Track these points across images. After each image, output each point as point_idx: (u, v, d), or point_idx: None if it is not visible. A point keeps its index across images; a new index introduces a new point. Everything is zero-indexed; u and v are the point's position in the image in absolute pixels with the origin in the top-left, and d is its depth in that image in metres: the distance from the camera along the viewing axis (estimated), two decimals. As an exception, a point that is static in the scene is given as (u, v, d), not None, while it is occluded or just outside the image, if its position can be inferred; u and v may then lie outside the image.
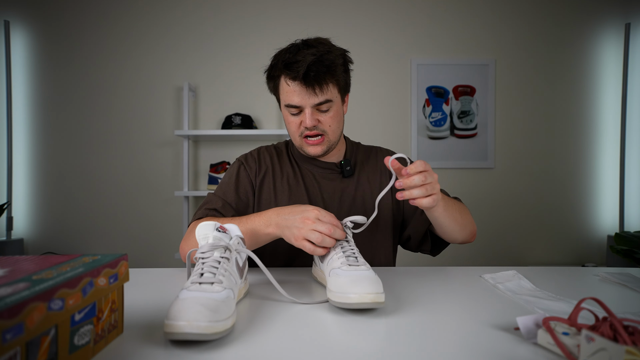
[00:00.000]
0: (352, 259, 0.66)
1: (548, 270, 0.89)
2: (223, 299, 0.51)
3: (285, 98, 0.91)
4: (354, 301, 0.57)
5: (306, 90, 0.87)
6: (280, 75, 0.91)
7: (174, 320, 0.46)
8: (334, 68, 0.89)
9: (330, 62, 0.87)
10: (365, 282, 0.59)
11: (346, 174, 1.01)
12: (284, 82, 0.90)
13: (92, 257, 0.49)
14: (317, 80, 0.87)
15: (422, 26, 2.48)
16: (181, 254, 0.89)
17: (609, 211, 2.46)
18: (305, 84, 0.87)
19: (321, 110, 0.91)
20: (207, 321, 0.46)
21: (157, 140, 2.43)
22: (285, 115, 0.95)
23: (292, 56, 0.88)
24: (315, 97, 0.88)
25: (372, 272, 0.63)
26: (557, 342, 0.43)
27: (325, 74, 0.87)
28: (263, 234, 0.79)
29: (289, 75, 0.88)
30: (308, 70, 0.85)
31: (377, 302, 0.57)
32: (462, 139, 2.47)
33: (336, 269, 0.65)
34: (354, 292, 0.57)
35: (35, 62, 2.41)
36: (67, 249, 2.40)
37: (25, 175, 2.40)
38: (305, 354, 0.45)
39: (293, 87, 0.88)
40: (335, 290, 0.60)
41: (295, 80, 0.87)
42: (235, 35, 2.44)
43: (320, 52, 0.87)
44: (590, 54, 2.48)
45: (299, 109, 0.91)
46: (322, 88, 0.88)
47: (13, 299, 0.33)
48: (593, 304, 0.63)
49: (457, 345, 0.48)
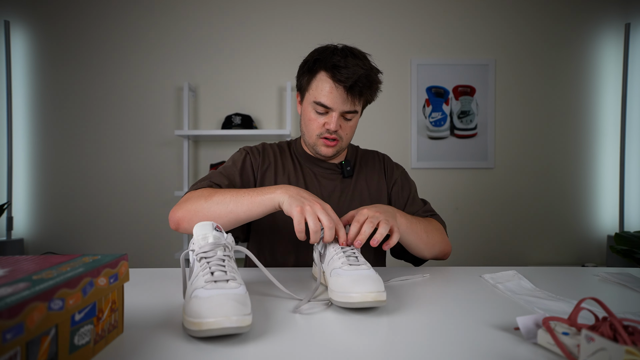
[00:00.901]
0: (352, 258, 0.67)
1: (548, 270, 0.89)
2: (243, 294, 0.53)
3: (317, 95, 0.92)
4: (356, 300, 0.57)
5: (345, 97, 0.90)
6: (321, 72, 0.92)
7: (207, 317, 0.47)
8: (374, 86, 0.93)
9: (373, 80, 0.92)
10: (367, 281, 0.59)
11: (346, 174, 1.04)
12: (324, 80, 0.91)
13: (92, 257, 0.49)
14: (359, 92, 0.91)
15: (422, 26, 2.48)
16: (171, 219, 0.86)
17: (609, 211, 2.46)
18: (348, 92, 0.89)
19: (346, 118, 0.95)
20: (242, 315, 0.48)
21: (157, 140, 2.43)
22: (308, 111, 0.96)
23: (341, 60, 0.89)
24: (348, 105, 0.92)
25: (373, 271, 0.63)
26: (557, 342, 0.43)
27: (367, 89, 0.91)
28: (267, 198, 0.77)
29: (336, 77, 0.89)
30: (357, 81, 0.88)
31: (378, 301, 0.58)
32: (462, 139, 2.47)
33: (337, 268, 0.65)
34: (356, 291, 0.58)
35: (35, 62, 2.41)
36: (67, 249, 2.40)
37: (25, 175, 2.40)
38: (307, 353, 0.45)
39: (332, 89, 0.90)
40: (337, 290, 0.60)
41: (340, 84, 0.89)
42: (235, 35, 2.44)
43: (366, 67, 0.91)
44: (590, 54, 2.48)
45: (327, 110, 0.93)
46: (359, 100, 0.93)
47: (13, 299, 0.33)
48: (593, 304, 0.63)
49: (457, 345, 0.48)
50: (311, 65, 0.94)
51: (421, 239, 0.89)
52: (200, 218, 0.81)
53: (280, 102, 2.46)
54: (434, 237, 0.93)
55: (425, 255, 0.94)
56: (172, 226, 0.85)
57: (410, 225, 0.86)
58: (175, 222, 0.85)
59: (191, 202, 0.83)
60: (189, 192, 0.89)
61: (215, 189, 0.87)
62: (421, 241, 0.89)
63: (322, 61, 0.92)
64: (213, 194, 0.82)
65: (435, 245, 0.93)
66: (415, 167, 2.45)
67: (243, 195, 0.79)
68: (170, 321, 0.56)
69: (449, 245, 0.99)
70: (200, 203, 0.82)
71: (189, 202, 0.84)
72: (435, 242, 0.93)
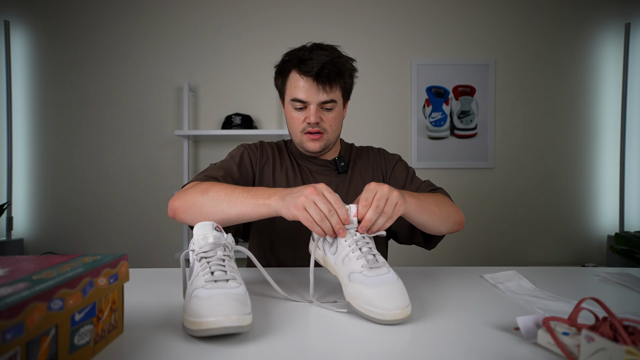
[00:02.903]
0: (371, 258, 0.62)
1: (548, 270, 0.89)
2: (243, 294, 0.53)
3: (292, 92, 0.95)
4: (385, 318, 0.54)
5: (316, 87, 0.93)
6: (292, 70, 0.96)
7: (207, 317, 0.47)
8: (344, 71, 0.95)
9: (341, 65, 0.94)
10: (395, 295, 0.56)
11: (341, 170, 1.05)
12: (295, 77, 0.95)
13: (92, 257, 0.49)
14: (328, 79, 0.92)
15: (422, 26, 2.48)
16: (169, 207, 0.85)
17: (609, 211, 2.46)
18: (317, 81, 0.92)
19: (325, 108, 0.96)
20: (242, 314, 0.48)
21: (157, 140, 2.43)
22: (289, 110, 0.99)
23: (306, 54, 0.93)
24: (322, 95, 0.93)
25: (394, 275, 0.60)
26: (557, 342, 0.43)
27: (336, 74, 0.93)
28: (261, 203, 0.74)
29: (302, 70, 0.92)
30: (322, 68, 0.91)
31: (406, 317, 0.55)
32: (462, 139, 2.47)
33: (357, 273, 0.60)
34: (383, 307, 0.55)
35: (35, 62, 2.41)
36: (67, 249, 2.40)
37: (25, 175, 2.40)
38: (307, 353, 0.45)
39: (303, 82, 0.93)
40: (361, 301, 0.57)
41: (307, 75, 0.92)
42: (235, 35, 2.44)
43: (332, 55, 0.93)
44: (590, 54, 2.48)
45: (305, 105, 0.95)
46: (331, 87, 0.94)
47: (13, 299, 0.33)
48: (593, 304, 0.63)
49: (457, 345, 0.48)
50: (281, 67, 0.99)
51: (435, 214, 0.85)
52: (194, 211, 0.80)
53: (280, 102, 2.45)
54: (447, 209, 0.89)
55: (442, 230, 0.90)
56: (170, 214, 0.85)
57: (420, 203, 0.81)
58: (172, 210, 0.84)
59: (189, 193, 0.83)
60: (190, 183, 0.89)
61: (214, 182, 0.85)
62: (435, 216, 0.85)
63: (290, 60, 0.96)
64: (209, 189, 0.81)
65: (449, 216, 0.89)
66: (415, 167, 2.45)
67: (237, 196, 0.77)
68: (170, 321, 0.56)
69: (461, 214, 0.95)
70: (196, 196, 0.81)
71: (187, 193, 0.83)
72: (449, 214, 0.89)
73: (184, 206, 0.82)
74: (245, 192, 0.77)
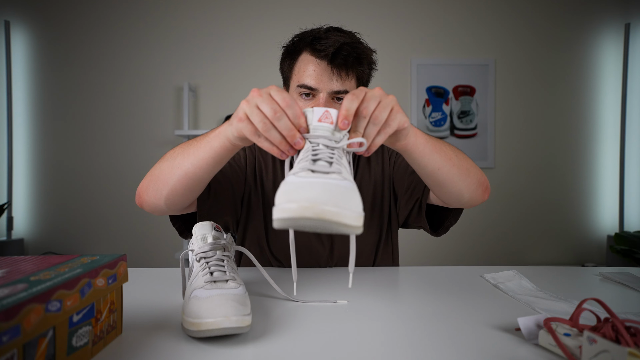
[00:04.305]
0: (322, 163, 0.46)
1: (548, 270, 0.89)
2: (243, 294, 0.53)
3: (300, 77, 0.81)
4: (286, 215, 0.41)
5: (330, 72, 0.78)
6: (302, 52, 0.82)
7: (206, 317, 0.47)
8: (363, 58, 0.81)
9: (361, 52, 0.81)
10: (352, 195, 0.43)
11: None
12: (306, 59, 0.81)
13: (91, 258, 0.49)
14: (344, 64, 0.79)
15: (422, 26, 2.47)
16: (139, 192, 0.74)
17: (609, 211, 2.46)
18: (331, 64, 0.78)
19: (337, 99, 0.81)
20: (241, 315, 0.48)
21: (157, 140, 2.43)
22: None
23: (322, 33, 0.80)
24: (336, 83, 0.79)
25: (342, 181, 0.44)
26: (559, 343, 0.43)
27: (354, 60, 0.79)
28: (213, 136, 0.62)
29: (316, 51, 0.79)
30: (339, 49, 0.77)
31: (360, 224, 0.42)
32: (462, 139, 2.46)
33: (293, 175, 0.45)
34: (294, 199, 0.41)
35: (35, 62, 2.40)
36: (67, 249, 2.40)
37: (25, 175, 2.39)
38: (307, 353, 0.45)
39: (315, 66, 0.79)
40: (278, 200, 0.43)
41: (320, 58, 0.78)
42: (235, 35, 2.44)
43: (352, 39, 0.81)
44: (590, 54, 2.48)
45: (313, 93, 0.81)
46: (347, 74, 0.80)
47: (10, 301, 0.33)
48: (594, 304, 0.63)
49: (457, 345, 0.48)
50: (290, 47, 0.85)
51: (451, 159, 0.67)
52: (154, 183, 0.70)
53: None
54: (467, 161, 0.72)
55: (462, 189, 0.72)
56: (137, 201, 0.76)
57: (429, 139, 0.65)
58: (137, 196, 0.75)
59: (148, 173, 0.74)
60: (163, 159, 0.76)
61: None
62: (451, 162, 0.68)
63: (302, 39, 0.82)
64: (164, 155, 0.71)
65: (470, 170, 0.72)
66: (415, 167, 2.45)
67: (190, 145, 0.66)
68: (169, 322, 0.55)
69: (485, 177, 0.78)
70: (152, 170, 0.72)
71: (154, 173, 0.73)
72: (469, 167, 0.72)
73: (144, 185, 0.73)
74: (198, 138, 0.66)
